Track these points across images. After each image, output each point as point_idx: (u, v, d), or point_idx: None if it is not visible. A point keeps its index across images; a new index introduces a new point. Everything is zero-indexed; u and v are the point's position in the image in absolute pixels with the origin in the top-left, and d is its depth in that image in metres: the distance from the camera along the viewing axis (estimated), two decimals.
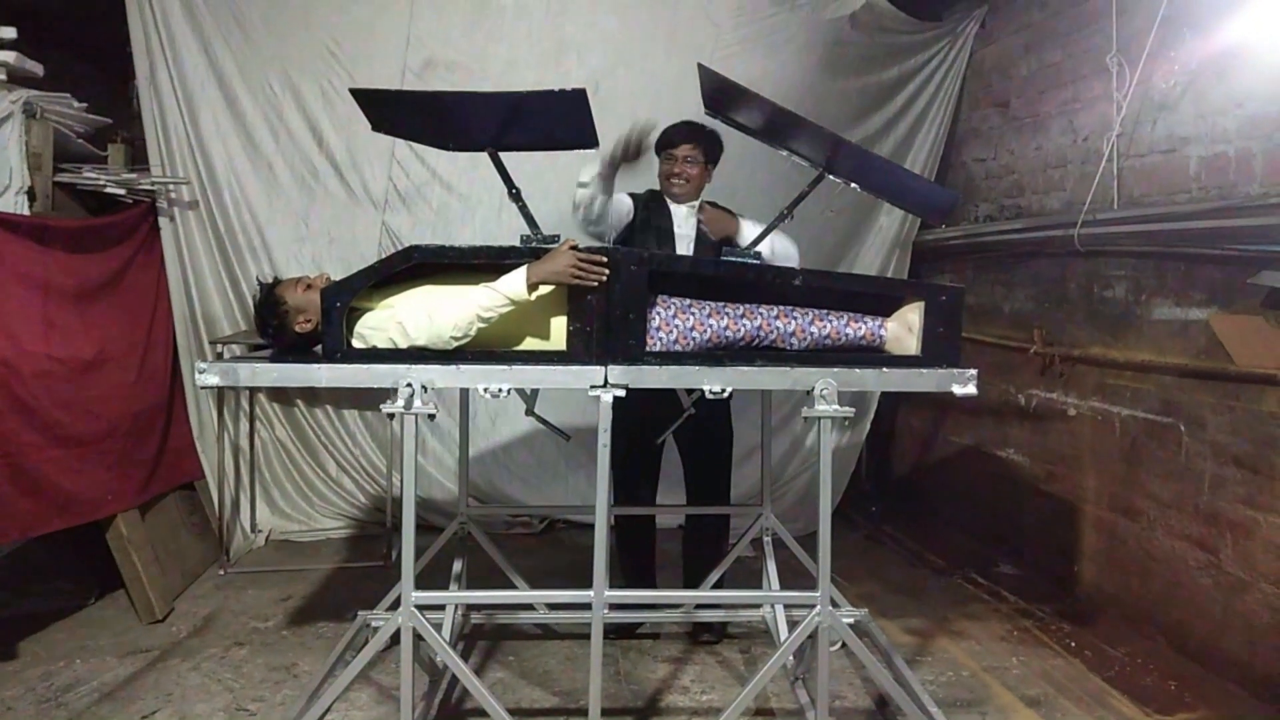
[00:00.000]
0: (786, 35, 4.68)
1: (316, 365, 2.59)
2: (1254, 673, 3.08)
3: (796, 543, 3.48)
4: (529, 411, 3.27)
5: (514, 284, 2.52)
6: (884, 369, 2.67)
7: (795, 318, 2.74)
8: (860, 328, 2.76)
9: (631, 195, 3.53)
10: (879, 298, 2.83)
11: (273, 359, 2.69)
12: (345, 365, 2.57)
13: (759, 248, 3.32)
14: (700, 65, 3.00)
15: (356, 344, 2.61)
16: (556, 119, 2.87)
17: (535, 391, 3.30)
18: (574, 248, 2.56)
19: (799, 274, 2.74)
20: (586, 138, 2.89)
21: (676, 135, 3.45)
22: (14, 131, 3.56)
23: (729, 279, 2.79)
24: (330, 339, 2.59)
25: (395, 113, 3.15)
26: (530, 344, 2.67)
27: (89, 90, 4.09)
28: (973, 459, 4.78)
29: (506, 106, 2.88)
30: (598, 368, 2.56)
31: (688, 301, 2.75)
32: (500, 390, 2.54)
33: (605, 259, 2.57)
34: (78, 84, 4.01)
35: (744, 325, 2.72)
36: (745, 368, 2.62)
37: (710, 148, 3.49)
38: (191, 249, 4.48)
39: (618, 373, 2.56)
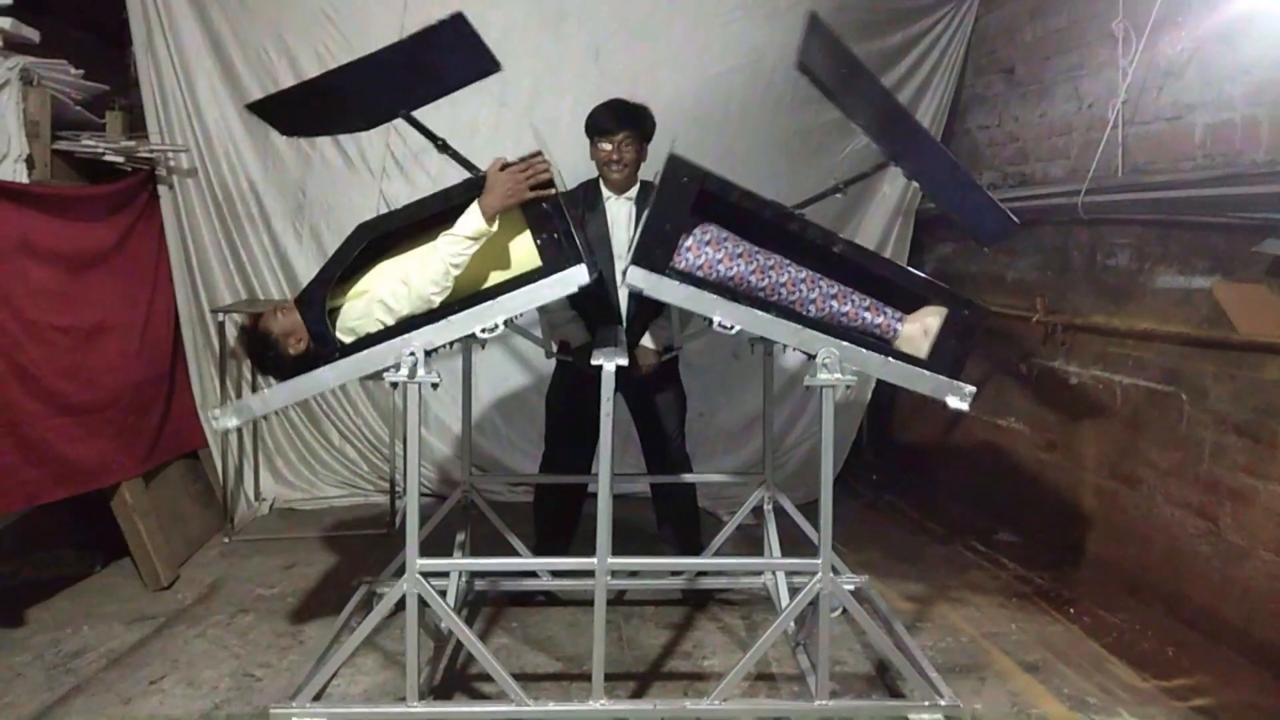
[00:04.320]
0: (789, 1, 4.62)
1: (319, 371, 2.59)
2: (1251, 639, 3.11)
3: (798, 511, 3.50)
4: (549, 354, 3.39)
5: (472, 222, 2.51)
6: (890, 358, 2.66)
7: (820, 287, 2.71)
8: (879, 317, 2.74)
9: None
10: (904, 291, 2.78)
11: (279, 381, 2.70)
12: (345, 359, 2.57)
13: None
14: (814, 16, 2.81)
15: (348, 339, 2.61)
16: (450, 55, 2.72)
17: (550, 337, 3.42)
18: (505, 165, 2.55)
19: (841, 241, 2.70)
20: (486, 62, 2.75)
21: (611, 121, 3.37)
22: (11, 99, 3.53)
23: (771, 222, 2.70)
24: (323, 343, 2.60)
25: (297, 112, 2.95)
26: (504, 277, 2.66)
27: (86, 57, 4.04)
28: (973, 427, 4.79)
29: (397, 63, 2.70)
30: (579, 266, 2.53)
31: (725, 234, 2.69)
32: (496, 325, 2.53)
33: (540, 153, 2.55)
34: (74, 51, 3.97)
35: (770, 277, 2.68)
36: (759, 312, 2.59)
37: (645, 127, 3.44)
38: (191, 217, 4.47)
39: (638, 276, 2.53)
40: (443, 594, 2.89)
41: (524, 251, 2.63)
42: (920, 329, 2.72)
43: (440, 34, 2.57)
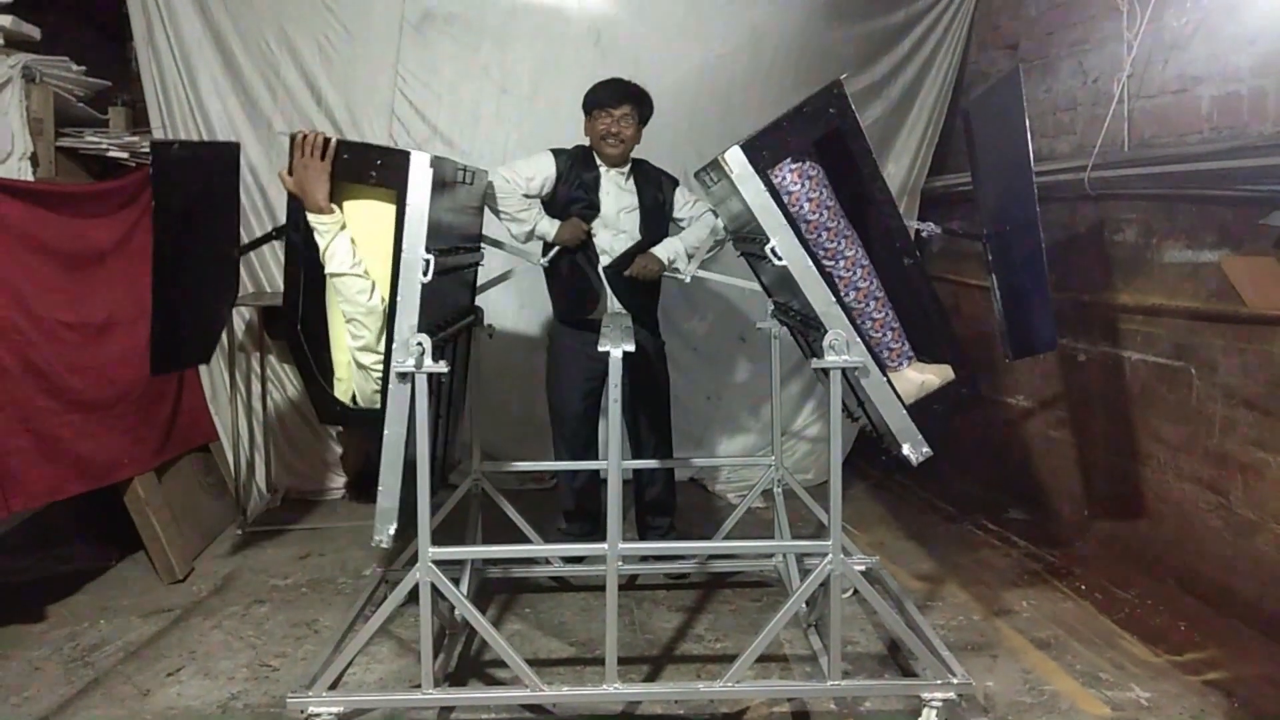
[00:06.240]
0: None
1: (386, 435, 2.56)
2: (1263, 612, 3.11)
3: (807, 493, 3.50)
4: (542, 261, 3.51)
5: (320, 229, 2.53)
6: (884, 378, 2.66)
7: (871, 282, 2.71)
8: (895, 343, 2.76)
9: (555, 152, 3.51)
10: (930, 337, 2.79)
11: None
12: (389, 405, 2.55)
13: (690, 211, 3.52)
14: (1019, 72, 2.77)
15: (375, 387, 2.64)
16: (202, 174, 2.74)
17: (534, 243, 3.52)
18: (290, 169, 2.56)
19: (916, 257, 2.70)
20: (226, 151, 2.92)
21: (613, 96, 3.41)
22: (14, 96, 3.52)
23: (871, 200, 2.68)
24: (367, 424, 2.63)
25: (188, 338, 2.91)
26: (388, 238, 2.60)
27: (87, 53, 4.03)
28: (982, 406, 4.78)
29: (180, 225, 2.65)
30: (413, 154, 2.46)
31: (826, 183, 2.67)
32: (428, 262, 2.46)
33: (289, 134, 2.57)
34: (75, 47, 3.96)
35: (838, 244, 2.66)
36: (810, 260, 2.57)
37: (645, 108, 3.47)
38: None
39: (736, 158, 2.51)
40: (455, 581, 2.91)
41: (381, 210, 2.58)
42: (919, 380, 2.74)
43: (167, 168, 2.57)
